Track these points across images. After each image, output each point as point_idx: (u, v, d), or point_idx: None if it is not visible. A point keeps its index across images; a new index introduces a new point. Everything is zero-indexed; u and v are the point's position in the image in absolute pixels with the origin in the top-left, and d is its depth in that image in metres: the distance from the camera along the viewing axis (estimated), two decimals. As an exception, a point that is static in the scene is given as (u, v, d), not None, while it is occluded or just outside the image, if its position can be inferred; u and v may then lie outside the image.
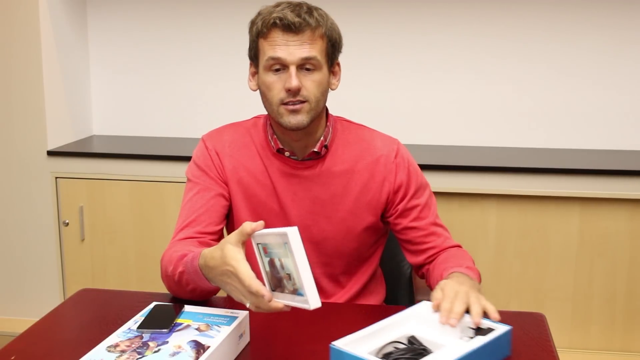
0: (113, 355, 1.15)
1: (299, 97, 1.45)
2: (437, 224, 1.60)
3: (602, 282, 2.49)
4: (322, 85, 1.49)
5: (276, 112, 1.48)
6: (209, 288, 1.36)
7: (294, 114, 1.46)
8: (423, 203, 1.58)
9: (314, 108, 1.48)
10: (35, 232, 2.80)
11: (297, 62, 1.44)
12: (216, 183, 1.57)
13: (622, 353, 2.52)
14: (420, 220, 1.58)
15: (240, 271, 1.17)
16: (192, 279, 1.36)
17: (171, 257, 1.44)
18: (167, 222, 2.60)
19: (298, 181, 1.56)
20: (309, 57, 1.44)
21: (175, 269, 1.40)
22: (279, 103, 1.47)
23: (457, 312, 1.24)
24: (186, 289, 1.40)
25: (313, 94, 1.47)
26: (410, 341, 1.23)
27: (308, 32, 1.44)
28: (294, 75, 1.44)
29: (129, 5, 2.98)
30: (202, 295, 1.42)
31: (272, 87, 1.47)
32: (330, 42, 1.49)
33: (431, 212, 1.60)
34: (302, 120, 1.47)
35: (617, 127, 2.77)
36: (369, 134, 1.61)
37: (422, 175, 1.62)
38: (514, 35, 2.77)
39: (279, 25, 1.43)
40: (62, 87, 2.85)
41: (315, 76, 1.46)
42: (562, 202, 2.45)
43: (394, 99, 2.87)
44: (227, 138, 1.61)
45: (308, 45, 1.44)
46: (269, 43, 1.45)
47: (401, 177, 1.57)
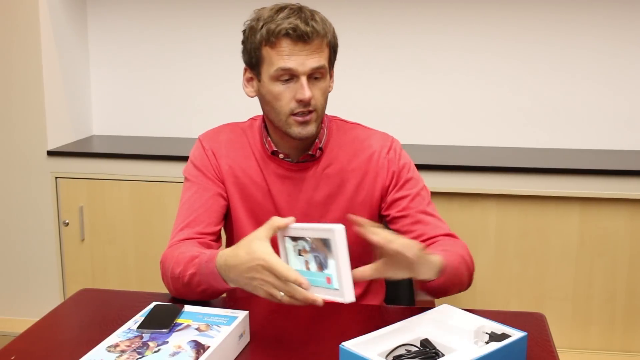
0: (113, 355, 1.15)
1: (309, 107, 1.45)
2: (427, 212, 1.55)
3: (602, 282, 2.49)
4: (326, 93, 1.49)
5: (284, 123, 1.47)
6: (223, 288, 1.36)
7: (303, 125, 1.45)
8: (413, 194, 1.55)
9: (320, 116, 1.49)
10: (35, 232, 2.80)
11: (307, 72, 1.43)
12: (214, 183, 1.57)
13: (622, 353, 2.52)
14: (408, 210, 1.54)
15: (274, 263, 1.19)
16: (205, 281, 1.36)
17: (178, 259, 1.43)
18: (167, 222, 2.59)
19: (292, 183, 1.56)
20: (319, 66, 1.44)
21: (185, 270, 1.40)
22: (288, 114, 1.45)
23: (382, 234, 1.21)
24: (196, 290, 1.40)
25: (320, 103, 1.47)
26: (423, 344, 1.21)
27: (317, 41, 1.43)
28: (307, 87, 1.42)
29: (129, 5, 2.98)
30: (213, 296, 1.42)
31: (280, 97, 1.45)
32: (333, 49, 1.49)
33: (421, 202, 1.55)
34: (311, 130, 1.47)
35: (617, 127, 2.77)
36: (363, 133, 1.60)
37: (416, 171, 1.60)
38: (514, 35, 2.77)
39: (291, 36, 1.41)
40: (62, 87, 2.85)
41: (322, 84, 1.47)
42: (562, 202, 2.45)
43: (394, 99, 2.87)
44: (224, 138, 1.60)
45: (317, 55, 1.43)
46: (277, 52, 1.42)
47: (392, 169, 1.56)
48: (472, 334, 1.20)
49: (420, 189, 1.57)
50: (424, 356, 1.17)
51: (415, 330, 1.24)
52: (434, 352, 1.18)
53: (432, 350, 1.19)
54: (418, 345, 1.21)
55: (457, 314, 1.27)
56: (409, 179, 1.56)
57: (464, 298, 2.52)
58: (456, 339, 1.21)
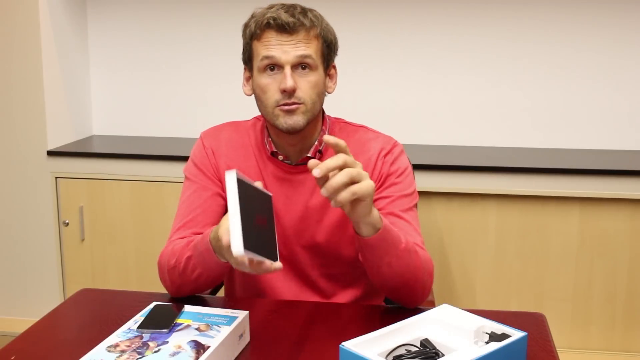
0: (113, 355, 1.15)
1: (294, 98, 1.43)
2: (401, 216, 1.47)
3: (602, 282, 2.49)
4: (317, 87, 1.46)
5: (271, 115, 1.46)
6: (215, 270, 1.36)
7: (289, 114, 1.43)
8: (394, 197, 1.50)
9: (310, 110, 1.45)
10: (35, 232, 2.80)
11: (292, 61, 1.42)
12: (213, 182, 1.56)
13: (622, 353, 2.52)
14: (382, 210, 1.46)
15: (219, 233, 1.23)
16: (200, 261, 1.37)
17: (174, 249, 1.45)
18: (167, 222, 2.58)
19: (290, 185, 1.55)
20: (305, 54, 1.42)
21: (181, 256, 1.41)
22: (274, 105, 1.44)
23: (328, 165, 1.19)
24: (191, 277, 1.40)
25: (309, 96, 1.44)
26: (423, 344, 1.21)
27: (302, 32, 1.42)
28: (289, 75, 1.41)
29: (129, 5, 2.98)
30: (207, 284, 1.43)
31: (266, 89, 1.45)
32: (326, 42, 1.47)
33: (399, 205, 1.49)
34: (298, 121, 1.44)
35: (617, 127, 2.77)
36: (365, 135, 1.58)
37: (409, 178, 1.54)
38: (514, 35, 2.77)
39: (272, 26, 1.42)
40: (62, 87, 2.85)
41: (310, 77, 1.44)
42: (562, 202, 2.45)
43: (393, 99, 2.87)
44: (225, 136, 1.60)
45: (303, 45, 1.42)
46: (262, 44, 1.44)
47: (383, 171, 1.53)
48: (472, 334, 1.20)
49: (404, 195, 1.51)
50: (424, 356, 1.17)
51: (415, 330, 1.24)
52: (434, 352, 1.18)
53: (432, 350, 1.19)
54: (418, 345, 1.21)
55: (457, 314, 1.27)
56: (396, 182, 1.52)
57: (464, 298, 2.53)
58: (456, 339, 1.21)
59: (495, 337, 1.19)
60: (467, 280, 2.52)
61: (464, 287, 2.53)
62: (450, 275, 2.53)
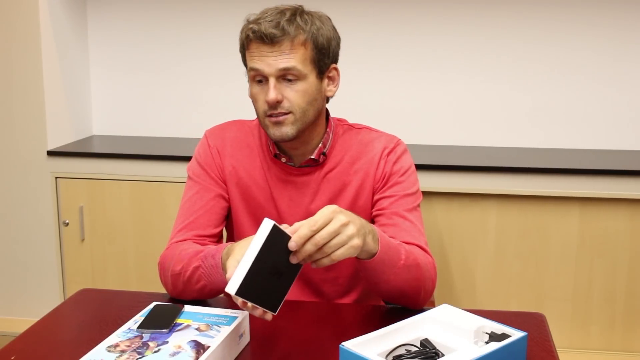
0: (113, 355, 1.15)
1: (280, 109, 1.42)
2: (404, 216, 1.48)
3: (602, 282, 2.49)
4: (307, 95, 1.44)
5: (263, 124, 1.47)
6: (220, 284, 1.35)
7: (277, 125, 1.43)
8: (397, 196, 1.50)
9: (300, 119, 1.44)
10: (35, 232, 2.80)
11: (275, 73, 1.41)
12: (216, 183, 1.56)
13: (622, 353, 2.52)
14: (385, 209, 1.48)
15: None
16: (207, 274, 1.36)
17: (181, 256, 1.44)
18: (167, 222, 2.59)
19: (294, 187, 1.54)
20: (287, 67, 1.40)
21: (188, 265, 1.40)
22: (263, 115, 1.45)
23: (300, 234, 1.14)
24: (195, 287, 1.40)
25: (297, 105, 1.43)
26: (423, 344, 1.21)
27: (286, 42, 1.40)
28: (272, 88, 1.40)
29: (129, 5, 2.98)
30: (210, 295, 1.42)
31: (256, 98, 1.46)
32: (317, 47, 1.44)
33: (402, 205, 1.49)
34: (287, 132, 1.44)
35: (617, 127, 2.77)
36: (368, 135, 1.57)
37: (412, 177, 1.54)
38: (514, 35, 2.77)
39: (252, 39, 1.41)
40: (62, 87, 2.85)
41: (298, 86, 1.42)
42: (562, 202, 2.45)
43: (393, 99, 2.87)
44: (230, 135, 1.59)
45: (287, 56, 1.40)
46: (249, 54, 1.44)
47: (386, 170, 1.52)
48: (472, 334, 1.20)
49: (407, 194, 1.51)
50: (424, 356, 1.17)
51: (415, 330, 1.24)
52: (434, 352, 1.18)
53: (432, 350, 1.19)
54: (418, 345, 1.21)
55: (457, 314, 1.27)
56: (399, 182, 1.52)
57: (464, 298, 2.53)
58: (456, 339, 1.21)
59: (495, 337, 1.19)
60: (467, 280, 2.52)
61: (464, 287, 2.53)
62: (450, 275, 2.53)
